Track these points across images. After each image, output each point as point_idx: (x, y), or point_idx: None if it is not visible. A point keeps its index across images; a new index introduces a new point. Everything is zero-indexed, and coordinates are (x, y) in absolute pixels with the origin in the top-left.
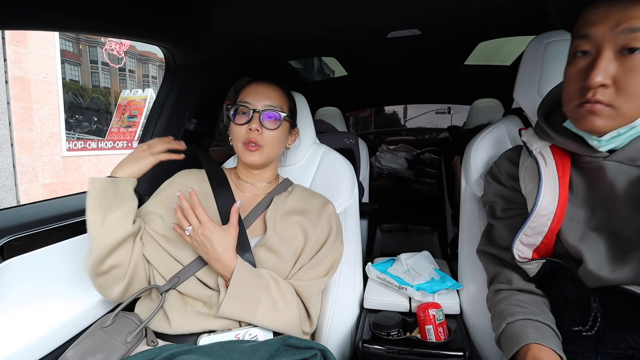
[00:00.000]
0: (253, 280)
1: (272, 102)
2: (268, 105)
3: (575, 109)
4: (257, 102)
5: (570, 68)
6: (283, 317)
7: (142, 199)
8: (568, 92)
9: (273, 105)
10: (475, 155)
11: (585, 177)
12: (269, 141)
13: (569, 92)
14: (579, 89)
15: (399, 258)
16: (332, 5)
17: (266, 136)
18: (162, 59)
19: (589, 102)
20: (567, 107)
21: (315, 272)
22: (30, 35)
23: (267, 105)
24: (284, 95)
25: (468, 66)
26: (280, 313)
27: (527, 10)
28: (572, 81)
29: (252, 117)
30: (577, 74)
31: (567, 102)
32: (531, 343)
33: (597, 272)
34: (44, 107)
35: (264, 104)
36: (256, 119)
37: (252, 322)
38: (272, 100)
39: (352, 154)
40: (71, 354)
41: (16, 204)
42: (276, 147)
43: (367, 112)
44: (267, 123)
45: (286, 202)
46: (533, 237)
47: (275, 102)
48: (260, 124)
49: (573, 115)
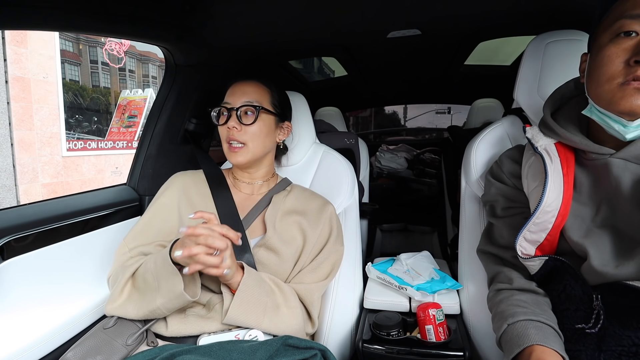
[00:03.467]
0: (259, 285)
1: (249, 97)
2: (245, 102)
3: (618, 88)
4: (235, 100)
5: (613, 47)
6: (287, 322)
7: (142, 199)
8: (608, 72)
9: (249, 100)
10: (475, 155)
11: (589, 174)
12: (250, 137)
13: (609, 72)
14: (623, 68)
15: (399, 258)
16: (332, 5)
17: (247, 132)
18: (162, 59)
19: (638, 79)
20: (606, 87)
21: (317, 274)
22: (30, 35)
23: (243, 102)
24: (263, 90)
25: (468, 66)
26: (284, 318)
27: (527, 11)
28: (613, 60)
29: (230, 115)
30: (622, 53)
31: (606, 82)
32: (534, 345)
33: (601, 269)
34: (44, 107)
35: (241, 101)
36: (233, 116)
37: (260, 328)
38: (248, 96)
39: (352, 154)
40: (72, 354)
41: (16, 204)
42: (260, 142)
43: (367, 112)
44: (244, 119)
45: (285, 201)
46: (537, 233)
47: (252, 97)
48: (238, 121)
49: (613, 95)
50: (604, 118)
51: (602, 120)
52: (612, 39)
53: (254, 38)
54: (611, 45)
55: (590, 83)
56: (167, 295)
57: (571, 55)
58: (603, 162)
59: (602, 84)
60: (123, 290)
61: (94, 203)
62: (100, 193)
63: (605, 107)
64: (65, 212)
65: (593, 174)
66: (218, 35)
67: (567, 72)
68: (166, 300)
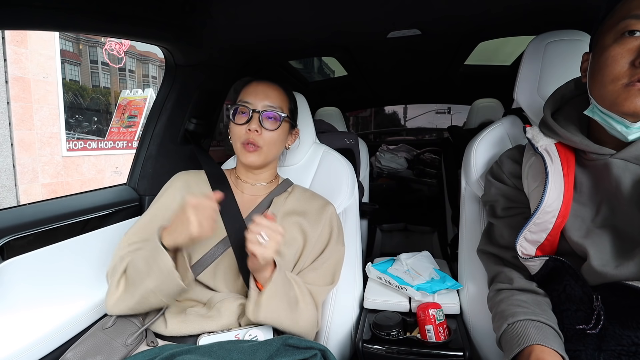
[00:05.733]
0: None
1: (272, 102)
2: (268, 106)
3: (623, 88)
4: (256, 101)
5: (617, 48)
6: (304, 318)
7: (142, 199)
8: (612, 73)
9: (273, 105)
10: (475, 155)
11: (590, 174)
12: (268, 142)
13: (613, 72)
14: (628, 68)
15: (399, 258)
16: (332, 5)
17: (265, 137)
18: (162, 59)
19: None
20: (610, 87)
21: (318, 273)
22: (30, 35)
23: (266, 105)
24: (284, 95)
25: (468, 66)
26: (302, 313)
27: (527, 11)
28: (618, 61)
29: (251, 117)
30: (627, 53)
31: (610, 83)
32: (534, 344)
33: (602, 269)
34: (44, 107)
35: (263, 104)
36: (255, 119)
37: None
38: (271, 100)
39: (352, 154)
40: (71, 354)
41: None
42: (275, 148)
43: (367, 112)
44: (267, 123)
45: (286, 203)
46: (537, 233)
47: (275, 102)
48: (260, 125)
49: (617, 96)
50: (607, 119)
51: (604, 121)
52: (617, 39)
53: (254, 38)
54: (615, 45)
55: (593, 83)
56: (157, 276)
57: (571, 55)
58: (603, 162)
59: (606, 84)
60: (119, 282)
61: (94, 203)
62: (100, 193)
63: (608, 107)
64: (65, 212)
65: (593, 175)
66: (218, 35)
67: (567, 72)
68: (157, 282)
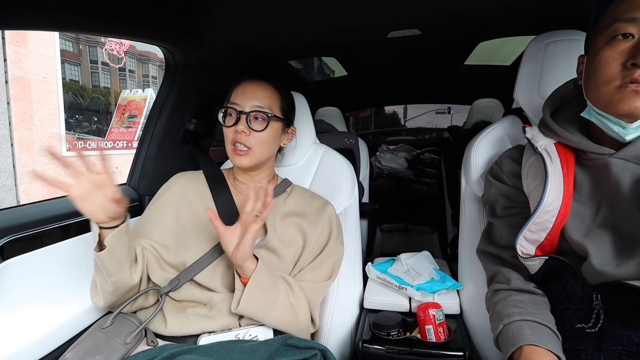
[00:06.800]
0: (272, 274)
1: (260, 102)
2: (255, 106)
3: (616, 90)
4: (244, 102)
5: (609, 50)
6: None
7: (142, 199)
8: (605, 75)
9: (261, 105)
10: (475, 155)
11: (589, 174)
12: (257, 143)
13: (606, 75)
14: (620, 70)
15: (399, 258)
16: (332, 5)
17: (255, 137)
18: (162, 59)
19: (636, 81)
20: (604, 90)
21: (316, 273)
22: (30, 35)
23: (254, 106)
24: (274, 94)
25: (468, 66)
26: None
27: (527, 11)
28: (610, 63)
29: (238, 118)
30: (619, 55)
31: (604, 85)
32: (524, 345)
33: (602, 268)
34: (44, 107)
35: (251, 105)
36: (243, 120)
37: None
38: (259, 100)
39: (352, 154)
40: (70, 355)
41: (16, 204)
42: (267, 148)
43: (367, 112)
44: (255, 124)
45: (285, 203)
46: (537, 233)
47: (263, 102)
48: (247, 126)
49: (611, 98)
50: (603, 120)
51: (601, 123)
52: (608, 42)
53: (254, 38)
54: (607, 48)
55: (588, 86)
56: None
57: (571, 56)
58: (603, 162)
59: (600, 86)
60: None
61: None
62: None
63: (603, 109)
64: (65, 212)
65: (593, 174)
66: (218, 35)
67: (567, 73)
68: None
